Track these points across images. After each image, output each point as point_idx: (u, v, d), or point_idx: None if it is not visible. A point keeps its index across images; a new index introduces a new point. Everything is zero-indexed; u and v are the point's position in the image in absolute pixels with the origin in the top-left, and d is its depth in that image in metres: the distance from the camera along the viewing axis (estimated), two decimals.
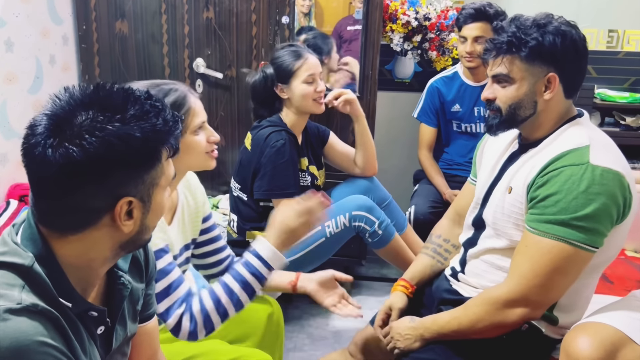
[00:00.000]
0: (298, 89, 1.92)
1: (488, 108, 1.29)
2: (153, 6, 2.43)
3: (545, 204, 1.16)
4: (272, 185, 1.88)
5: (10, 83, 2.07)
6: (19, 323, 0.71)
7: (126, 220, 0.80)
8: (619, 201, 1.13)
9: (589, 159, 1.14)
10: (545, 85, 1.22)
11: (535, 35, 1.19)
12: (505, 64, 1.22)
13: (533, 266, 1.16)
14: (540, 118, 1.25)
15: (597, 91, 3.14)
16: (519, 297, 1.18)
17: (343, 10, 2.81)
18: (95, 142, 0.74)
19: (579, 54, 1.22)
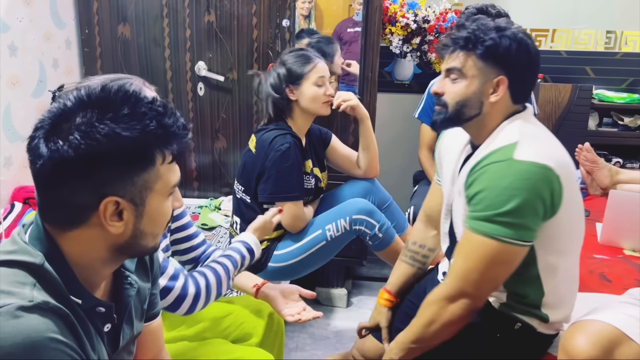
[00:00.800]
0: (308, 91, 1.93)
1: (436, 103, 1.32)
2: (155, 10, 2.46)
3: (474, 202, 1.19)
4: (277, 188, 1.89)
5: (14, 87, 2.09)
6: (30, 320, 0.73)
7: (115, 221, 0.80)
8: (544, 195, 1.15)
9: (513, 155, 1.16)
10: (494, 87, 1.24)
11: (493, 36, 1.22)
12: (461, 58, 1.25)
13: (466, 262, 1.20)
14: (484, 120, 1.27)
15: (595, 92, 3.16)
16: (456, 291, 1.22)
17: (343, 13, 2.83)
18: (82, 137, 0.76)
19: (531, 64, 1.25)
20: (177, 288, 1.25)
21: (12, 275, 0.77)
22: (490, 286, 1.23)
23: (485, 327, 1.29)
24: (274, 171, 1.88)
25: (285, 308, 1.49)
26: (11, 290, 0.74)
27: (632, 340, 1.11)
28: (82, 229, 0.81)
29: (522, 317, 1.28)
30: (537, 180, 1.14)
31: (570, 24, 3.19)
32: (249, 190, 1.97)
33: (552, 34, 3.23)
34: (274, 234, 1.99)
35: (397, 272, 1.58)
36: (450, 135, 1.44)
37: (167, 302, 1.24)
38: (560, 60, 3.24)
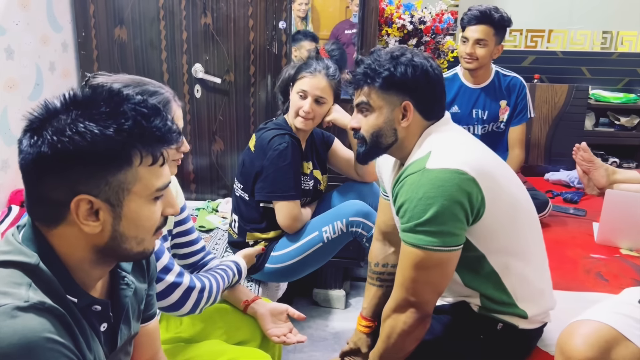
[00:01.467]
0: (292, 96, 1.95)
1: (355, 137, 1.37)
2: (151, 13, 2.46)
3: (400, 215, 1.24)
4: (273, 187, 1.90)
5: (10, 90, 2.09)
6: (27, 320, 0.73)
7: (91, 220, 0.80)
8: (460, 198, 1.16)
9: (425, 165, 1.20)
10: (402, 113, 1.28)
11: (388, 66, 1.27)
12: (365, 94, 1.30)
13: (402, 272, 1.25)
14: (403, 143, 1.31)
15: (591, 92, 3.18)
16: (401, 302, 1.27)
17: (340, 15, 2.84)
18: (56, 134, 0.77)
19: (431, 83, 1.28)
20: (185, 284, 1.26)
21: (7, 276, 0.77)
22: (431, 292, 1.26)
23: (468, 330, 1.31)
24: (271, 170, 1.88)
25: (272, 328, 1.49)
26: (7, 290, 0.74)
27: (629, 341, 1.12)
28: (63, 227, 0.81)
29: (502, 317, 1.30)
30: (451, 185, 1.16)
31: (566, 25, 3.20)
32: (247, 188, 1.97)
33: (548, 35, 3.24)
34: (271, 234, 1.99)
35: (368, 296, 1.60)
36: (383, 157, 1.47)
37: (174, 298, 1.26)
38: (557, 61, 3.26)
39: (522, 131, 2.49)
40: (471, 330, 1.31)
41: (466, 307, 1.33)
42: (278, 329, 1.50)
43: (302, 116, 1.92)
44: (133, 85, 1.21)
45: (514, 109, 2.47)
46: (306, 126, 1.95)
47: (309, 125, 1.95)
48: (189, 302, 1.29)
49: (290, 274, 1.98)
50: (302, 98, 1.92)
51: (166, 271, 1.26)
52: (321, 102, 1.93)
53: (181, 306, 1.28)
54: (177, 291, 1.26)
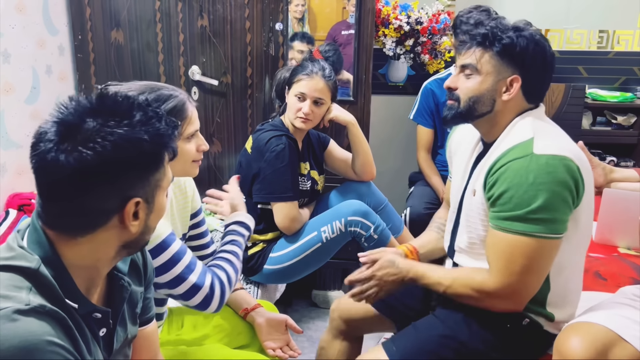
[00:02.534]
0: (290, 99, 1.96)
1: (449, 97, 1.32)
2: (148, 15, 2.46)
3: (501, 202, 1.19)
4: (271, 188, 1.90)
5: (7, 94, 2.08)
6: (27, 323, 0.73)
7: (133, 220, 0.84)
8: (570, 184, 1.16)
9: (533, 150, 1.17)
10: (507, 86, 1.25)
11: (511, 34, 1.24)
12: (476, 54, 1.27)
13: (507, 262, 1.20)
14: (496, 117, 1.28)
15: (588, 91, 3.18)
16: (502, 291, 1.22)
17: (336, 16, 2.84)
18: (107, 145, 0.77)
19: (546, 66, 1.27)
20: (206, 286, 1.23)
21: (7, 280, 0.77)
22: (537, 281, 1.22)
23: (496, 317, 1.29)
24: (268, 171, 1.89)
25: (268, 340, 1.48)
26: (7, 294, 0.75)
27: (627, 342, 1.11)
28: (97, 233, 0.83)
29: (529, 314, 1.29)
30: (561, 171, 1.15)
31: (562, 24, 3.21)
32: (244, 189, 1.97)
33: (545, 34, 3.25)
34: (269, 236, 1.99)
35: (424, 235, 1.57)
36: (461, 132, 1.44)
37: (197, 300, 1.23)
38: None
39: None
40: (498, 318, 1.29)
41: None
42: (274, 341, 1.48)
43: (301, 118, 1.93)
44: (148, 91, 1.21)
45: None
46: (306, 127, 1.96)
47: (309, 125, 1.96)
48: (214, 301, 1.25)
49: (289, 275, 1.98)
50: (300, 100, 1.92)
51: (189, 271, 1.22)
52: (320, 103, 1.94)
53: (207, 306, 1.24)
54: (199, 294, 1.23)
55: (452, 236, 1.42)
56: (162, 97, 1.22)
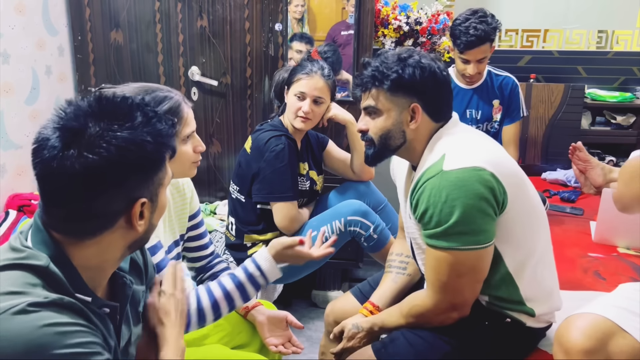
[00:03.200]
0: (289, 99, 1.96)
1: (362, 139, 1.37)
2: (147, 16, 2.46)
3: (424, 222, 1.23)
4: (271, 188, 1.90)
5: (7, 94, 2.09)
6: (49, 313, 0.76)
7: (139, 220, 0.85)
8: (484, 194, 1.17)
9: (442, 167, 1.19)
10: (411, 115, 1.28)
11: (396, 68, 1.26)
12: (373, 96, 1.30)
13: (438, 276, 1.24)
14: (412, 145, 1.31)
15: (587, 91, 3.18)
16: (442, 304, 1.27)
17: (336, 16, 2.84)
18: (112, 149, 0.78)
19: (439, 84, 1.29)
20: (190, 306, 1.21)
21: (20, 277, 0.78)
22: (471, 291, 1.26)
23: (475, 318, 1.31)
24: (268, 171, 1.89)
25: (270, 336, 1.49)
26: (23, 290, 0.77)
27: (626, 332, 1.13)
28: (104, 235, 0.84)
29: (510, 313, 1.30)
30: (472, 183, 1.16)
31: (561, 24, 3.21)
32: (243, 190, 1.97)
33: (544, 34, 3.25)
34: (269, 235, 1.99)
35: (381, 284, 1.57)
36: (397, 158, 1.47)
37: None
38: (552, 60, 3.26)
39: (516, 130, 2.50)
40: (478, 319, 1.31)
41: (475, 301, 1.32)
42: (276, 338, 1.49)
43: (301, 117, 1.93)
44: (142, 93, 1.21)
45: (507, 108, 2.48)
46: (306, 126, 1.96)
47: (309, 124, 1.96)
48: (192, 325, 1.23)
49: (288, 275, 1.97)
50: (300, 99, 1.93)
51: None
52: (319, 102, 1.94)
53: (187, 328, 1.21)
54: None
55: (414, 258, 1.46)
56: (157, 99, 1.22)
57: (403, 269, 1.57)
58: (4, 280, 0.77)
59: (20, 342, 0.73)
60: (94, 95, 0.85)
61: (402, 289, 1.54)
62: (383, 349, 1.34)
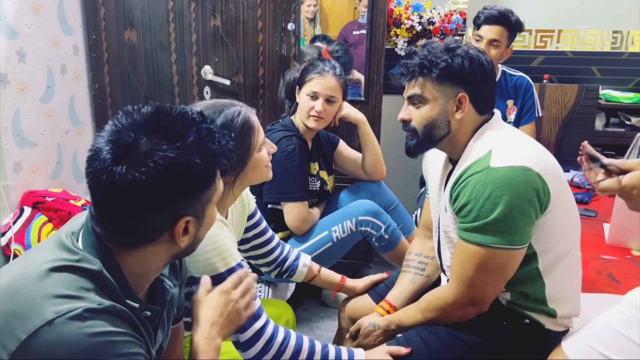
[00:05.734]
0: (302, 98, 1.96)
1: (404, 129, 1.36)
2: (161, 15, 2.47)
3: (462, 214, 1.23)
4: (282, 189, 1.91)
5: (22, 92, 2.11)
6: (103, 320, 0.78)
7: (183, 236, 0.86)
8: (529, 195, 1.16)
9: (489, 164, 1.19)
10: (457, 105, 1.28)
11: (445, 57, 1.27)
12: (419, 85, 1.30)
13: (464, 270, 1.24)
14: (455, 137, 1.31)
15: (601, 92, 3.15)
16: (463, 299, 1.27)
17: (348, 16, 2.84)
18: (159, 169, 0.78)
19: (486, 75, 1.30)
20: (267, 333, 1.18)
21: (75, 281, 0.80)
22: (494, 289, 1.26)
23: (493, 318, 1.30)
24: (279, 172, 1.89)
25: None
26: (79, 295, 0.78)
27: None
28: (147, 247, 0.86)
29: (530, 314, 1.29)
30: (518, 183, 1.16)
31: (576, 24, 3.18)
32: (254, 189, 1.98)
33: (558, 35, 3.23)
34: (280, 235, 1.99)
35: (397, 283, 1.58)
36: (433, 152, 1.47)
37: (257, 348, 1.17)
38: (566, 61, 3.24)
39: (531, 131, 2.49)
40: (496, 318, 1.31)
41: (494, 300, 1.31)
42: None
43: (314, 116, 1.93)
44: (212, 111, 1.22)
45: (522, 109, 2.47)
46: (318, 125, 1.96)
47: (321, 124, 1.97)
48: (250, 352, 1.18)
49: None
50: (313, 99, 1.93)
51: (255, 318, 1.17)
52: (332, 101, 1.95)
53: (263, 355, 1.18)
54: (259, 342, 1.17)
55: (439, 255, 1.45)
56: (228, 117, 1.23)
57: (422, 270, 1.57)
58: (60, 282, 0.79)
59: (73, 348, 0.74)
60: (152, 107, 0.85)
61: (419, 289, 1.55)
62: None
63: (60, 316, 0.75)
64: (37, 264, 0.81)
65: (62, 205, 2.09)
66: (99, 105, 2.60)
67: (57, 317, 0.74)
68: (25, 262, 0.85)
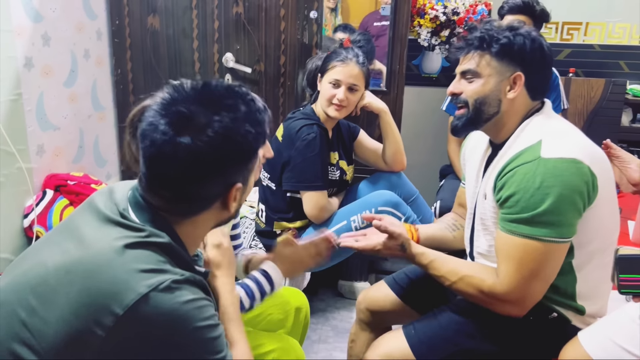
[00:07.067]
0: (323, 86, 1.95)
1: (454, 102, 1.33)
2: (184, 1, 2.47)
3: (508, 205, 1.19)
4: (301, 177, 1.90)
5: (47, 76, 2.13)
6: (187, 290, 0.82)
7: (233, 202, 0.92)
8: (580, 188, 1.14)
9: (540, 154, 1.16)
10: (510, 85, 1.26)
11: (507, 34, 1.25)
12: (475, 59, 1.27)
13: (517, 266, 1.19)
14: (504, 118, 1.29)
15: (629, 87, 3.09)
16: (510, 296, 1.20)
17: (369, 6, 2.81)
18: (219, 138, 0.83)
19: (545, 61, 1.27)
20: None
21: (150, 256, 0.84)
22: (542, 287, 1.21)
23: None
24: (299, 160, 1.89)
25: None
26: (161, 268, 0.83)
27: None
28: (200, 215, 0.91)
29: (557, 308, 1.27)
30: (569, 175, 1.13)
31: (603, 17, 3.11)
32: (274, 177, 1.98)
33: (585, 27, 3.16)
34: (298, 224, 1.99)
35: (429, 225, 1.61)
36: (475, 138, 1.45)
37: None
38: (593, 54, 3.17)
39: None
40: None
41: None
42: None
43: (336, 104, 1.92)
44: None
45: None
46: (340, 114, 1.95)
47: (343, 112, 1.95)
48: None
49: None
50: (335, 87, 1.91)
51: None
52: (354, 89, 1.93)
53: None
54: None
55: (471, 242, 1.43)
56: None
57: (452, 229, 1.59)
58: (138, 258, 0.82)
59: (170, 316, 0.79)
60: (199, 82, 0.89)
61: (443, 240, 1.56)
62: (413, 330, 1.32)
63: (153, 289, 0.79)
64: (104, 242, 0.84)
65: (84, 189, 2.11)
66: (120, 91, 2.62)
67: (150, 290, 0.78)
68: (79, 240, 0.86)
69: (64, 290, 0.80)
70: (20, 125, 1.99)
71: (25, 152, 2.02)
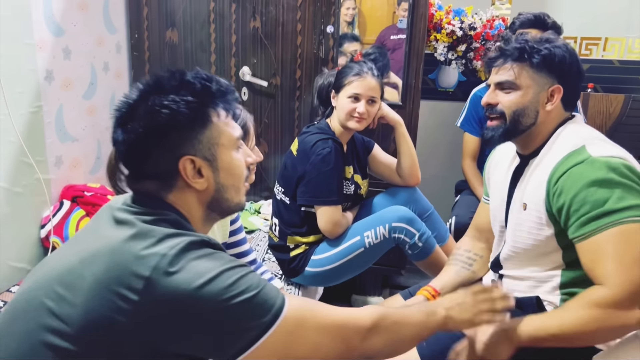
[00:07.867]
0: (341, 101, 1.94)
1: (489, 113, 1.31)
2: (202, 16, 2.50)
3: (575, 208, 1.13)
4: (316, 192, 1.90)
5: (66, 89, 2.17)
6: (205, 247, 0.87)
7: (197, 178, 0.93)
8: (636, 179, 1.13)
9: (590, 154, 1.16)
10: (548, 97, 1.26)
11: (547, 46, 1.25)
12: (514, 70, 1.27)
13: (609, 261, 1.08)
14: (538, 129, 1.29)
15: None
16: (627, 295, 1.06)
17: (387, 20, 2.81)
18: (147, 114, 0.90)
19: (580, 74, 1.30)
20: None
21: (166, 229, 0.87)
22: None
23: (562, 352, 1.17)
24: (314, 175, 1.88)
25: None
26: (177, 231, 0.87)
27: None
28: (176, 192, 0.93)
29: None
30: (624, 169, 1.13)
31: (623, 32, 3.07)
32: (288, 191, 1.98)
33: (604, 43, 3.12)
34: (312, 238, 1.98)
35: (443, 272, 1.55)
36: (501, 152, 1.44)
37: None
38: (612, 70, 3.13)
39: None
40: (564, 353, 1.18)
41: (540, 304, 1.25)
42: None
43: (356, 117, 1.92)
44: None
45: None
46: (360, 126, 1.96)
47: (363, 124, 1.96)
48: None
49: (330, 278, 1.97)
50: (355, 101, 1.92)
51: None
52: (374, 101, 1.95)
53: None
54: None
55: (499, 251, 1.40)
56: None
57: (469, 265, 1.54)
58: (155, 231, 0.86)
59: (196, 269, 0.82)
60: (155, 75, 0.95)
61: (463, 282, 1.51)
62: (425, 343, 1.25)
63: (172, 249, 0.82)
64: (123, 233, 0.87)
65: (100, 200, 2.13)
66: None
67: (170, 250, 0.82)
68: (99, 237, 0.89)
69: (90, 271, 0.83)
70: (39, 137, 2.02)
71: (43, 163, 2.05)
